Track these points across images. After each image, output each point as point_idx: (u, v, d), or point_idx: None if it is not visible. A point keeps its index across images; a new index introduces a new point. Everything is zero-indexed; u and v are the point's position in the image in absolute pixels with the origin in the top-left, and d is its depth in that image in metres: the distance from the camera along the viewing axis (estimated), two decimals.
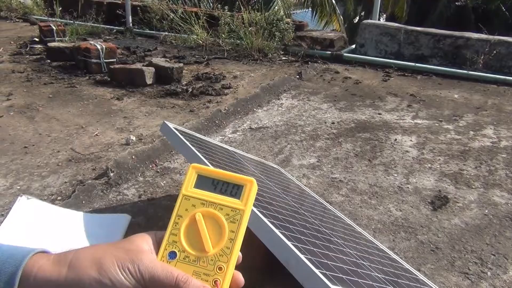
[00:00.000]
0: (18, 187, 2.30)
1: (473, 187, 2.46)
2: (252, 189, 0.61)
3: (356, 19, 13.37)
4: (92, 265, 0.55)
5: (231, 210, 0.60)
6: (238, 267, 0.58)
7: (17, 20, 7.50)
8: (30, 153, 2.69)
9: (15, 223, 1.87)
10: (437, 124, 3.37)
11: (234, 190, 0.62)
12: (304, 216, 1.77)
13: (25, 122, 3.15)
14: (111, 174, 2.38)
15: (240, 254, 0.59)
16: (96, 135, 2.99)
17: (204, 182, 0.62)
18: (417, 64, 4.93)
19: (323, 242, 1.53)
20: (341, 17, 11.07)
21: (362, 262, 1.55)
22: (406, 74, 4.78)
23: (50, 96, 3.74)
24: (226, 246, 0.58)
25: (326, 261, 1.33)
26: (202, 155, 1.78)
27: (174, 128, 1.99)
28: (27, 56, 5.05)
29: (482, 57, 4.67)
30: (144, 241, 0.59)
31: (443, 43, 4.95)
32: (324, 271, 1.22)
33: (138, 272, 0.55)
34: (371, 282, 1.37)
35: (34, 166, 2.54)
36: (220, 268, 0.57)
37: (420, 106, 3.79)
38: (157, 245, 0.60)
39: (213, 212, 0.60)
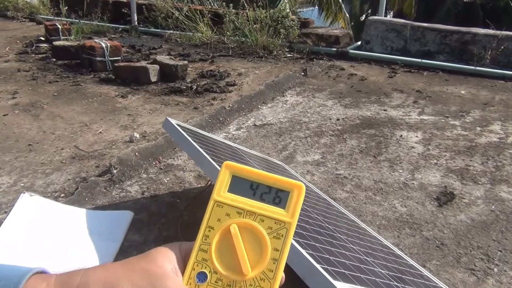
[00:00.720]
0: (22, 184, 2.31)
1: (480, 183, 2.43)
2: (300, 196, 0.50)
3: (363, 17, 13.32)
4: None
5: (275, 223, 0.49)
6: None
7: (23, 19, 7.54)
8: (34, 151, 2.69)
9: (18, 220, 1.87)
10: (443, 120, 3.33)
11: (278, 196, 0.51)
12: (307, 212, 1.75)
13: (29, 120, 3.16)
14: (114, 171, 2.37)
15: (283, 275, 0.49)
16: (100, 132, 2.99)
17: (240, 185, 0.52)
18: (423, 60, 4.89)
19: (326, 238, 1.51)
20: (347, 15, 11.03)
21: (366, 258, 1.53)
22: (412, 71, 4.74)
23: (55, 94, 3.75)
24: (268, 268, 0.48)
25: (328, 257, 1.31)
26: (204, 151, 1.77)
27: (176, 124, 1.98)
28: (33, 55, 5.06)
29: (490, 52, 4.63)
30: (166, 259, 0.49)
31: (450, 39, 4.90)
32: (326, 267, 1.20)
33: None
34: (374, 278, 1.35)
35: (38, 163, 2.54)
36: None
37: (426, 102, 3.76)
38: (182, 261, 0.50)
39: (252, 224, 0.50)
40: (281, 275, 0.48)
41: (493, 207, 2.19)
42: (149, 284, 0.45)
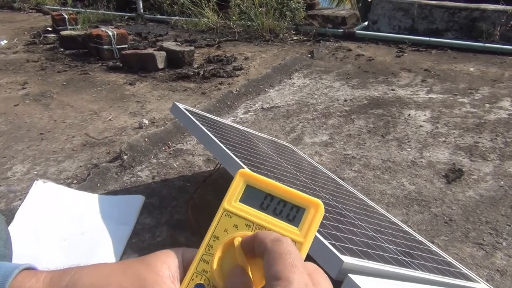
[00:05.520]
0: (35, 172, 2.35)
1: (489, 159, 2.42)
2: (317, 215, 0.45)
3: None
4: None
5: None
6: None
7: (30, 10, 7.57)
8: (46, 139, 2.73)
9: (32, 206, 1.91)
10: (451, 98, 3.31)
11: (293, 213, 0.46)
12: (315, 191, 1.77)
13: (40, 110, 3.20)
14: (125, 157, 2.41)
15: None
16: (110, 120, 3.02)
17: (253, 195, 0.47)
18: (431, 39, 4.83)
19: (334, 216, 1.53)
20: None
21: (374, 234, 1.55)
22: (420, 49, 4.70)
23: (64, 83, 3.78)
24: None
25: (336, 233, 1.33)
26: (213, 134, 1.79)
27: (184, 108, 2.00)
28: (41, 45, 5.10)
29: (499, 28, 4.56)
30: (164, 264, 0.45)
31: (458, 16, 4.84)
32: (334, 242, 1.22)
33: None
34: (382, 253, 1.37)
35: (50, 151, 2.58)
36: None
37: (434, 80, 3.73)
38: (183, 269, 0.46)
39: None
40: None
41: (502, 182, 2.19)
42: None
